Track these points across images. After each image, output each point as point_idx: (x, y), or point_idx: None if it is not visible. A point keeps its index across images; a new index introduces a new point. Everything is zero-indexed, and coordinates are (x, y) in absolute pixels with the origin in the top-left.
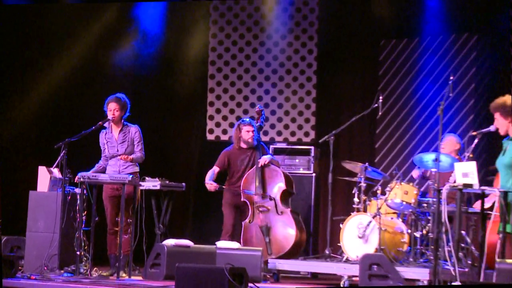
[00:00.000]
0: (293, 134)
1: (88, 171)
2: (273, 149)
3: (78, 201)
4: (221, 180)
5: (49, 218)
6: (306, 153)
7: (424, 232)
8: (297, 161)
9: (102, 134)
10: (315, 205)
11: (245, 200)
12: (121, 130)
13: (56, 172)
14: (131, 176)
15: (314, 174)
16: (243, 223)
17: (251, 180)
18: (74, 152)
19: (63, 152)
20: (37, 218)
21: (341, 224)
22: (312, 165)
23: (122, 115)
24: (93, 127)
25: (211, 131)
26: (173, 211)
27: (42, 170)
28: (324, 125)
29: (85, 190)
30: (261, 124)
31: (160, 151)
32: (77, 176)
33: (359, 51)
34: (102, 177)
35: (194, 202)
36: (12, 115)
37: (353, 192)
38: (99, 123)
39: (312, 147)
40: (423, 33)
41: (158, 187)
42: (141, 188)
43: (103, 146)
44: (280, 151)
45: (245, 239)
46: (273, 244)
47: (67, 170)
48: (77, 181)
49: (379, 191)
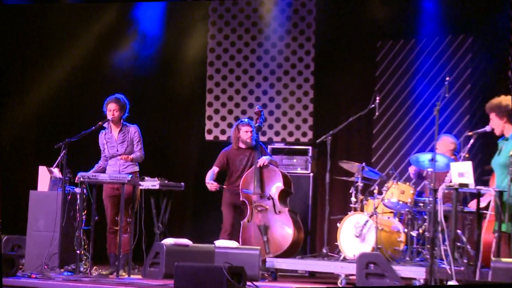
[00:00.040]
0: (291, 134)
1: (88, 171)
2: (271, 149)
3: (78, 201)
4: (221, 180)
5: (50, 218)
6: (304, 153)
7: (420, 231)
8: (295, 161)
9: (101, 135)
10: (312, 204)
11: (244, 199)
12: (121, 130)
13: (56, 172)
14: (130, 176)
15: (311, 174)
16: (242, 222)
17: (249, 180)
18: (74, 152)
19: (63, 152)
20: (37, 218)
21: (338, 223)
22: (309, 165)
23: (122, 115)
24: (93, 127)
25: (210, 131)
26: (172, 210)
27: (43, 170)
28: (322, 125)
29: (85, 190)
30: (260, 124)
31: (159, 151)
32: (77, 176)
33: (356, 52)
34: (102, 176)
35: (193, 201)
36: (12, 115)
37: (350, 191)
38: (99, 123)
39: (310, 147)
40: (420, 34)
41: (157, 187)
42: (140, 187)
43: (102, 147)
44: (278, 151)
45: (243, 238)
46: (271, 243)
47: (67, 170)
48: (77, 181)
49: (376, 191)
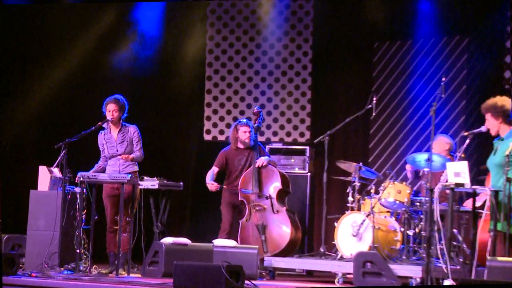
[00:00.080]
0: (288, 134)
1: (88, 171)
2: (269, 149)
3: (78, 200)
4: (221, 180)
5: (50, 217)
6: (302, 153)
7: (416, 230)
8: (292, 161)
9: (100, 135)
10: (310, 204)
11: (242, 199)
12: (120, 131)
13: (57, 172)
14: (130, 175)
15: (309, 174)
16: (240, 221)
17: (248, 179)
18: (74, 152)
19: (63, 152)
20: (37, 217)
21: (335, 222)
22: (307, 165)
23: (121, 116)
24: (93, 127)
25: (208, 131)
26: (171, 210)
27: (43, 169)
28: (319, 125)
29: (85, 189)
30: (259, 125)
31: (158, 151)
32: (77, 175)
33: (353, 53)
34: (102, 176)
35: (191, 201)
36: (12, 115)
37: (348, 191)
38: (98, 123)
39: (307, 147)
40: (416, 35)
41: (156, 187)
42: (139, 187)
43: (102, 147)
44: (276, 151)
45: (242, 238)
46: (269, 242)
47: (67, 170)
48: (77, 180)
49: (372, 190)
